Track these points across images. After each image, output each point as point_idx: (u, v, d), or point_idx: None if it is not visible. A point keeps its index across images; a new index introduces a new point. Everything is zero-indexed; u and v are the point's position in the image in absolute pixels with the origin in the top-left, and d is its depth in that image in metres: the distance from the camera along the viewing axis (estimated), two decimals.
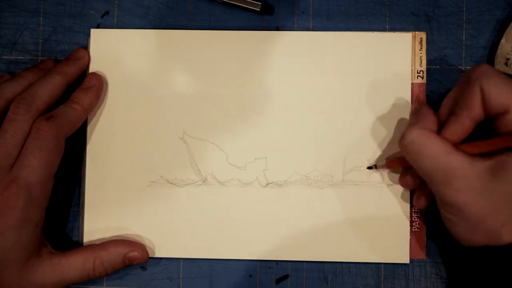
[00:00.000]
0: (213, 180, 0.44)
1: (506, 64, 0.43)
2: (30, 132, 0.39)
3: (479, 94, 0.37)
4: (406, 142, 0.38)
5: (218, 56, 0.45)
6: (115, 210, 0.44)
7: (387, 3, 0.45)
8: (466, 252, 0.38)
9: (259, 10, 0.45)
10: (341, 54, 0.44)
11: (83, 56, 0.44)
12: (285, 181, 0.44)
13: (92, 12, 0.46)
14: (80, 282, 0.42)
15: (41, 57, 0.46)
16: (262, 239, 0.44)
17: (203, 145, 0.44)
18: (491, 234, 0.36)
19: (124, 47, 0.45)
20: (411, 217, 0.44)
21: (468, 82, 0.37)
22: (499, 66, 0.43)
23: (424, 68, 0.44)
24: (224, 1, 0.45)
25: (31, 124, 0.39)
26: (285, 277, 0.44)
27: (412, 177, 0.41)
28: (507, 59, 0.43)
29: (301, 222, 0.44)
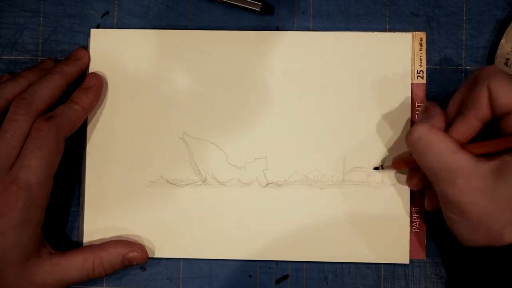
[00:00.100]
0: (213, 180, 0.44)
1: (506, 64, 0.43)
2: (30, 132, 0.39)
3: (487, 94, 0.37)
4: (414, 138, 0.38)
5: (218, 56, 0.45)
6: (115, 210, 0.44)
7: (387, 3, 0.45)
8: (467, 252, 0.38)
9: (259, 10, 0.45)
10: (341, 54, 0.44)
11: (83, 56, 0.44)
12: (285, 181, 0.44)
13: (92, 12, 0.46)
14: (80, 282, 0.42)
15: (41, 57, 0.46)
16: (262, 239, 0.44)
17: (203, 145, 0.44)
18: (493, 235, 0.36)
19: (124, 47, 0.45)
20: (411, 217, 0.44)
21: (476, 82, 0.37)
22: (499, 66, 0.43)
23: (424, 68, 0.44)
24: (224, 1, 0.45)
25: (31, 124, 0.39)
26: (285, 277, 0.44)
27: (420, 178, 0.41)
28: (507, 59, 0.43)
29: (301, 222, 0.44)
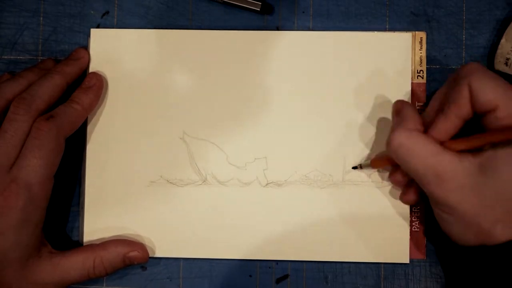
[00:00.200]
0: (213, 180, 0.44)
1: (506, 64, 0.43)
2: (30, 132, 0.39)
3: (467, 92, 0.36)
4: (394, 146, 0.38)
5: (218, 56, 0.45)
6: (115, 210, 0.44)
7: (387, 3, 0.45)
8: (459, 252, 0.38)
9: (259, 10, 0.45)
10: (341, 54, 0.44)
11: (83, 56, 0.44)
12: (285, 181, 0.44)
13: (92, 12, 0.46)
14: (80, 282, 0.42)
15: (41, 57, 0.46)
16: (262, 239, 0.44)
17: (203, 145, 0.44)
18: (484, 233, 0.36)
19: (124, 47, 0.45)
20: (411, 217, 0.44)
21: (457, 80, 0.37)
22: (499, 66, 0.43)
23: (424, 68, 0.44)
24: (224, 1, 0.45)
25: (31, 124, 0.39)
26: (285, 277, 0.44)
27: (402, 175, 0.41)
28: (507, 59, 0.43)
29: (301, 222, 0.44)
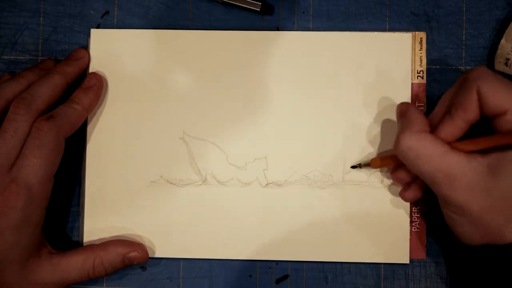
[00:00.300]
0: (213, 180, 0.44)
1: (506, 64, 0.43)
2: (30, 132, 0.39)
3: (476, 96, 0.36)
4: (403, 149, 0.38)
5: (218, 56, 0.45)
6: (115, 210, 0.44)
7: (387, 3, 0.45)
8: (468, 252, 0.38)
9: (259, 10, 0.45)
10: (341, 55, 0.44)
11: (83, 56, 0.44)
12: (285, 181, 0.44)
13: (92, 12, 0.46)
14: (80, 282, 0.42)
15: (41, 57, 0.46)
16: (262, 239, 0.44)
17: (203, 145, 0.44)
18: (494, 233, 0.36)
19: (124, 47, 0.45)
20: (411, 217, 0.44)
21: (465, 84, 0.37)
22: (499, 66, 0.43)
23: (424, 68, 0.44)
24: (224, 1, 0.45)
25: (31, 124, 0.39)
26: (285, 277, 0.44)
27: (405, 173, 0.41)
28: (507, 59, 0.43)
29: (301, 222, 0.44)
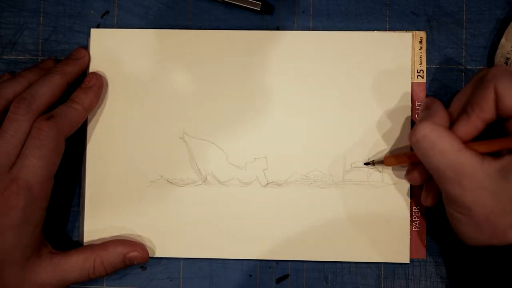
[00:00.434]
0: (213, 180, 0.44)
1: (506, 64, 0.43)
2: (30, 132, 0.39)
3: (493, 96, 0.36)
4: (418, 137, 0.37)
5: (218, 56, 0.45)
6: (115, 210, 0.44)
7: (387, 3, 0.45)
8: (469, 252, 0.38)
9: (259, 10, 0.45)
10: (341, 54, 0.44)
11: (83, 56, 0.44)
12: (285, 181, 0.44)
13: (92, 12, 0.46)
14: (80, 282, 0.42)
15: (41, 57, 0.46)
16: (262, 239, 0.44)
17: (203, 145, 0.44)
18: (498, 234, 0.36)
19: (124, 47, 0.45)
20: (411, 217, 0.44)
21: (482, 83, 0.37)
22: None
23: (424, 68, 0.44)
24: (224, 1, 0.45)
25: (31, 124, 0.39)
26: (285, 277, 0.44)
27: (419, 173, 0.41)
28: (507, 59, 0.43)
29: (301, 222, 0.44)
